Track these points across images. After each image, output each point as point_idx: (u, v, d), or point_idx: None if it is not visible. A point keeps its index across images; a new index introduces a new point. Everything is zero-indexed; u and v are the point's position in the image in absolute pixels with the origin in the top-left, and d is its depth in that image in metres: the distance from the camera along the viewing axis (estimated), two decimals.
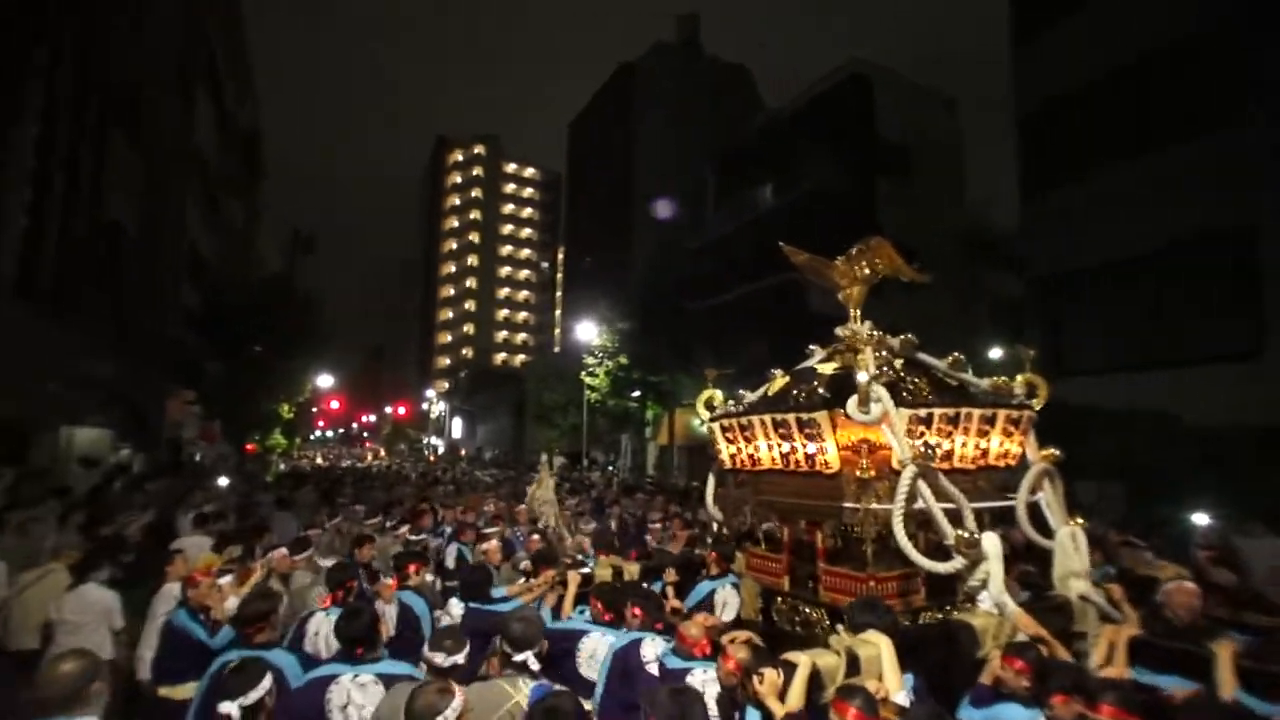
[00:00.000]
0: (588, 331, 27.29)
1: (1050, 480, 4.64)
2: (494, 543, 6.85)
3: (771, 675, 3.00)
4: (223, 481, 15.42)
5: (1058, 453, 4.67)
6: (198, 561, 5.74)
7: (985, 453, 4.59)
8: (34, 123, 11.36)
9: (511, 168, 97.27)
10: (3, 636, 5.43)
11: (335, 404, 60.83)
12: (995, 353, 20.77)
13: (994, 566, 3.81)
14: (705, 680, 3.64)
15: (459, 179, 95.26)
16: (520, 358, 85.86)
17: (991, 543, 3.84)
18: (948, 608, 4.42)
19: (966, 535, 3.70)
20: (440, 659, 3.12)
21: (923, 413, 4.26)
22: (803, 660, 3.12)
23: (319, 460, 43.63)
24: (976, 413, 4.45)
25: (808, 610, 4.77)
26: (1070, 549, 4.30)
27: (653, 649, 4.01)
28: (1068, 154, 14.25)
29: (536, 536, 7.91)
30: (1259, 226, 11.22)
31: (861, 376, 4.06)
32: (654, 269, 29.48)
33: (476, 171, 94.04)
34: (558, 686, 3.13)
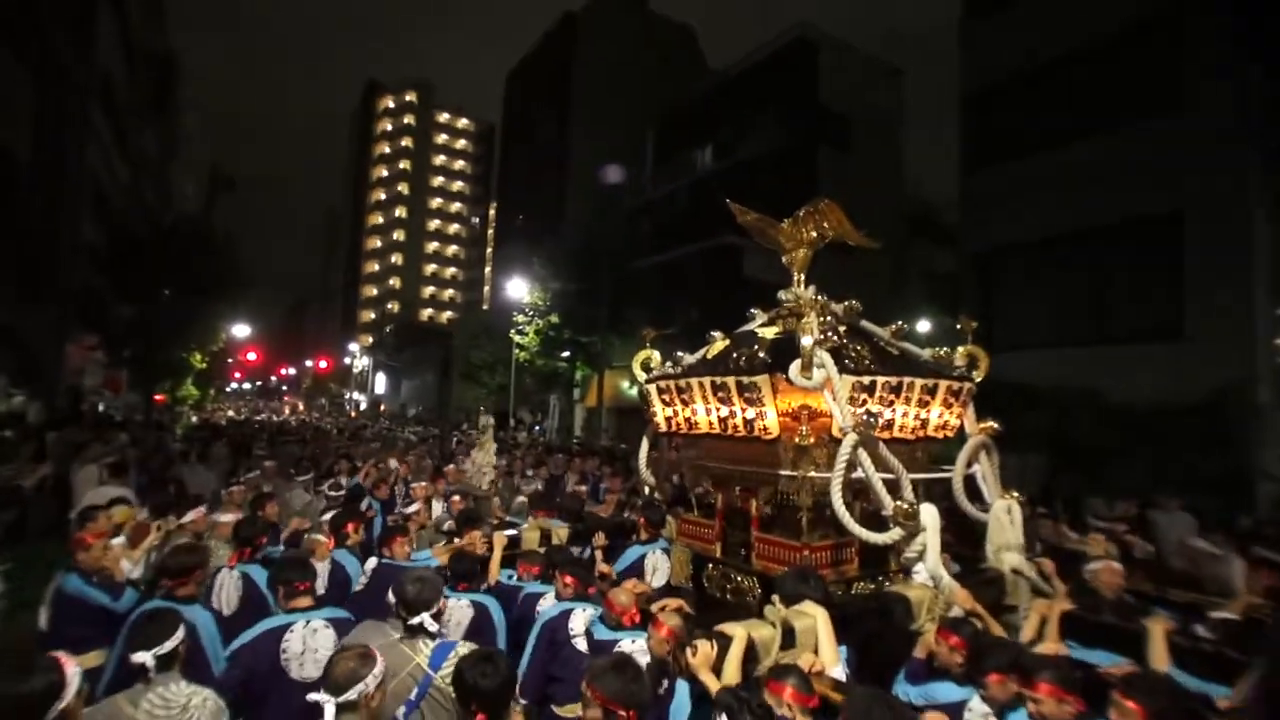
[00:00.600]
0: (519, 289, 26.55)
1: (987, 453, 4.62)
2: (419, 504, 6.56)
3: (705, 648, 2.86)
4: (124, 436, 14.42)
5: (996, 426, 4.64)
6: (116, 516, 5.54)
7: (925, 423, 4.53)
8: None
9: (444, 117, 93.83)
10: None
11: (253, 355, 58.18)
12: (924, 325, 21.19)
13: (931, 538, 3.74)
14: (634, 650, 3.52)
15: (389, 126, 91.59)
16: (448, 314, 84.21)
17: (929, 514, 3.77)
18: (880, 578, 4.39)
19: (905, 506, 3.60)
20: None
21: (866, 380, 4.15)
22: (738, 633, 2.98)
23: (230, 413, 41.71)
24: (919, 383, 4.38)
25: (739, 578, 4.67)
26: (1005, 522, 4.28)
27: (582, 620, 3.90)
28: (1009, 133, 14.39)
29: (458, 498, 7.74)
30: (1185, 212, 11.61)
31: (806, 341, 3.90)
32: (588, 227, 28.96)
33: (408, 120, 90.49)
34: (462, 643, 3.14)
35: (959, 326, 4.95)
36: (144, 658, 2.60)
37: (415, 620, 3.06)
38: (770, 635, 3.10)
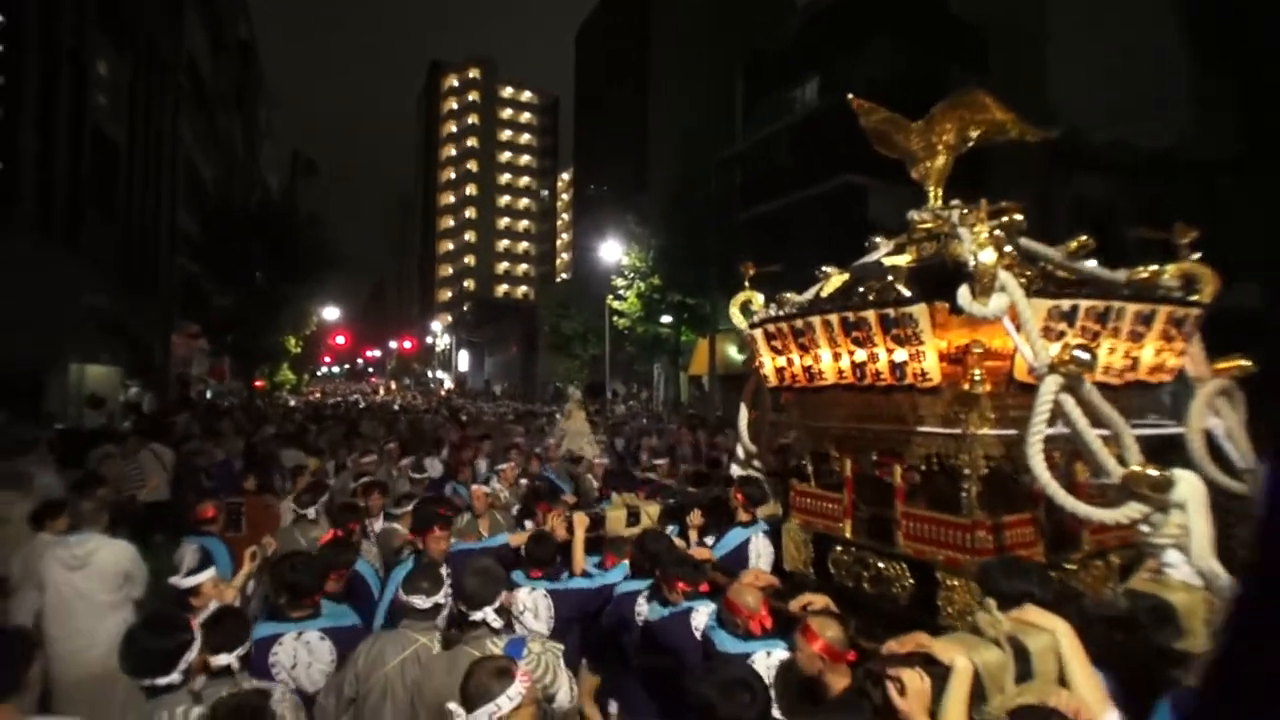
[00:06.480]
0: (613, 251, 25.18)
1: (1230, 401, 3.47)
2: (479, 487, 5.79)
3: (915, 682, 1.97)
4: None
5: (1246, 363, 3.48)
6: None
7: (1135, 363, 3.43)
8: None
9: (508, 92, 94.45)
10: None
11: (341, 339, 60.02)
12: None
13: (1196, 519, 2.67)
14: (770, 666, 2.90)
15: (454, 105, 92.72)
16: (522, 289, 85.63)
17: (1191, 485, 2.70)
18: (1068, 565, 3.41)
19: (1155, 473, 2.56)
20: (419, 601, 2.96)
21: (1065, 305, 3.10)
22: (957, 661, 2.03)
23: (317, 395, 42.34)
24: (1131, 308, 3.28)
25: (881, 564, 3.73)
26: None
27: (704, 619, 3.39)
28: None
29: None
30: None
31: (985, 256, 2.91)
32: (678, 183, 27.35)
33: (472, 97, 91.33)
34: (535, 637, 3.02)
35: (1169, 239, 3.72)
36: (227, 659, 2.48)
37: (477, 616, 2.82)
38: (999, 661, 2.14)
